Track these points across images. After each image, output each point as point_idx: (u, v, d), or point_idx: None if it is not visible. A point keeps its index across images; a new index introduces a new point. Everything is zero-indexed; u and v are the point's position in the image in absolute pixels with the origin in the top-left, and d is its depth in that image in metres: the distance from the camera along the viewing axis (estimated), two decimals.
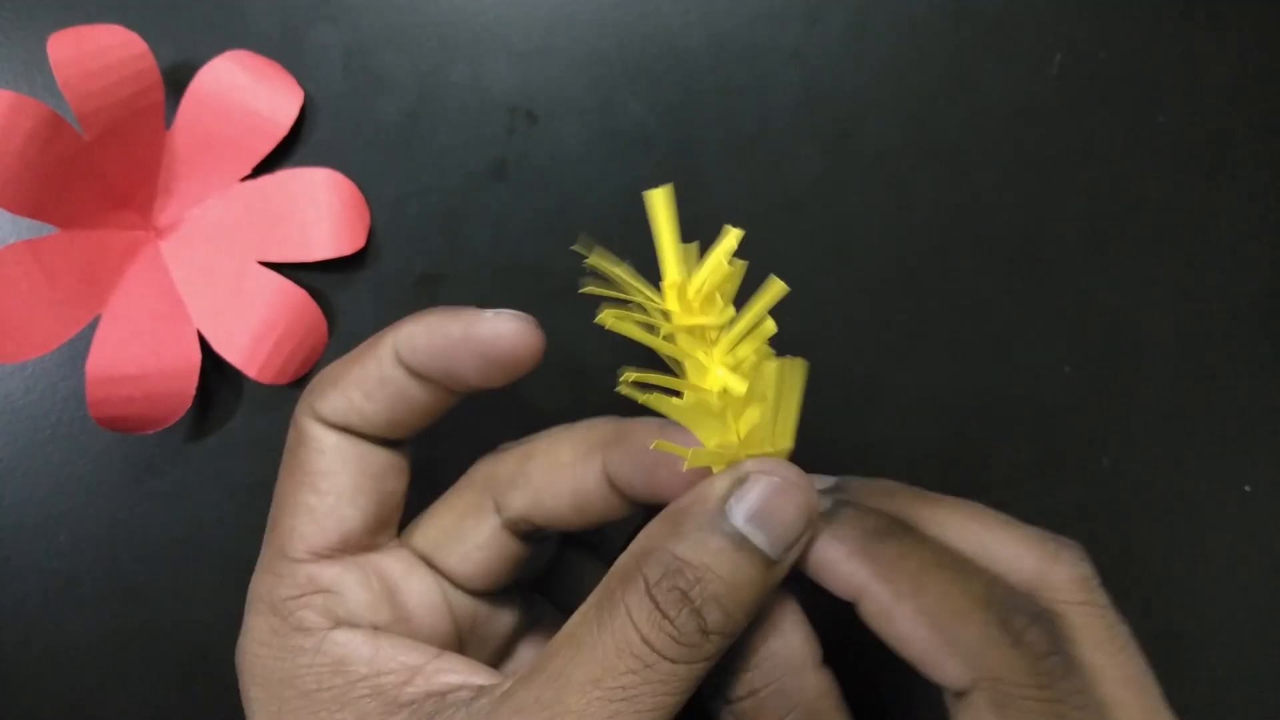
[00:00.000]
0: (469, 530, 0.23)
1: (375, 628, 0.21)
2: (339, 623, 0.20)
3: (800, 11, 0.33)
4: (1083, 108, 0.33)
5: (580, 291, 0.19)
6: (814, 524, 0.19)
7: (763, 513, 0.19)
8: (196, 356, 0.30)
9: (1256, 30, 0.33)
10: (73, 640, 0.31)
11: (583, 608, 0.19)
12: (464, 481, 0.23)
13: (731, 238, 0.19)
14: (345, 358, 0.22)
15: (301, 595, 0.20)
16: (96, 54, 0.28)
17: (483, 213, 0.32)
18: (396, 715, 0.19)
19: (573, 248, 0.20)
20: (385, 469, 0.22)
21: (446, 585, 0.23)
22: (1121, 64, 0.33)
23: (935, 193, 0.33)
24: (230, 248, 0.31)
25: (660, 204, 0.19)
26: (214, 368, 0.31)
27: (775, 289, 0.19)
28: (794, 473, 0.19)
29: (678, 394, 0.20)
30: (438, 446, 0.25)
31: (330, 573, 0.21)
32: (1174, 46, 0.33)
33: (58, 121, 0.27)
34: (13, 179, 0.27)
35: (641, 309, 0.19)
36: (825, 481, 0.21)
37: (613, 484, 0.21)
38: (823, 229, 0.33)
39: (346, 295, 0.32)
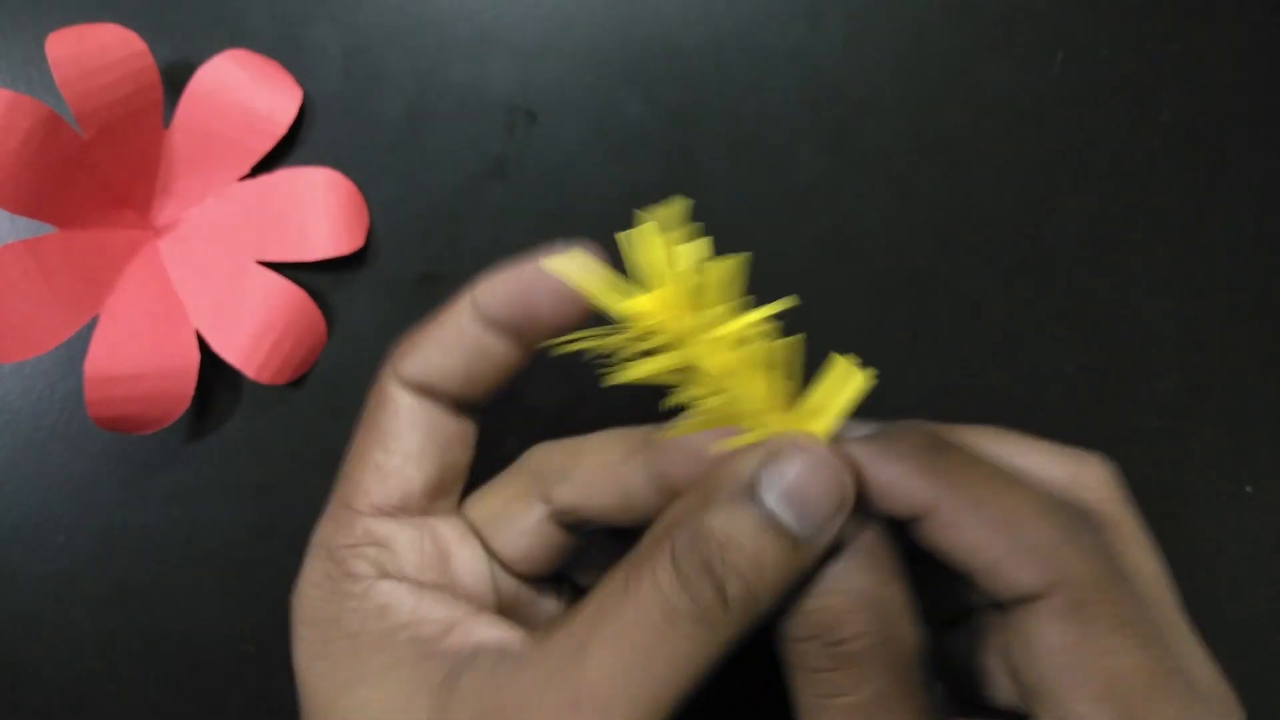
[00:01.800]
0: (516, 515, 0.23)
1: (420, 584, 0.21)
2: (387, 574, 0.21)
3: (800, 11, 0.33)
4: (1084, 106, 0.33)
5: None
6: (847, 505, 0.19)
7: (793, 491, 0.18)
8: (195, 356, 0.30)
9: (1256, 30, 0.33)
10: (71, 640, 0.31)
11: (610, 572, 0.19)
12: (516, 467, 0.24)
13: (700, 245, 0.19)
14: (425, 322, 0.22)
15: (357, 545, 0.21)
16: (95, 53, 0.28)
17: (482, 212, 0.32)
18: (429, 662, 0.20)
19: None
20: (452, 438, 0.23)
21: (494, 563, 0.23)
22: (1122, 62, 0.33)
23: (935, 192, 0.33)
24: (229, 247, 0.31)
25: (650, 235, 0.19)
26: (212, 368, 0.31)
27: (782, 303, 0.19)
28: (826, 451, 0.19)
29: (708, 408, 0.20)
30: None
31: (387, 528, 0.22)
32: (1174, 45, 0.33)
33: (56, 120, 0.27)
34: (11, 178, 0.27)
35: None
36: (865, 427, 0.21)
37: (658, 479, 0.22)
38: (823, 229, 0.32)
39: (345, 295, 0.32)
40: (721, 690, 0.21)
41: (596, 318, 0.20)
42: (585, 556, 0.25)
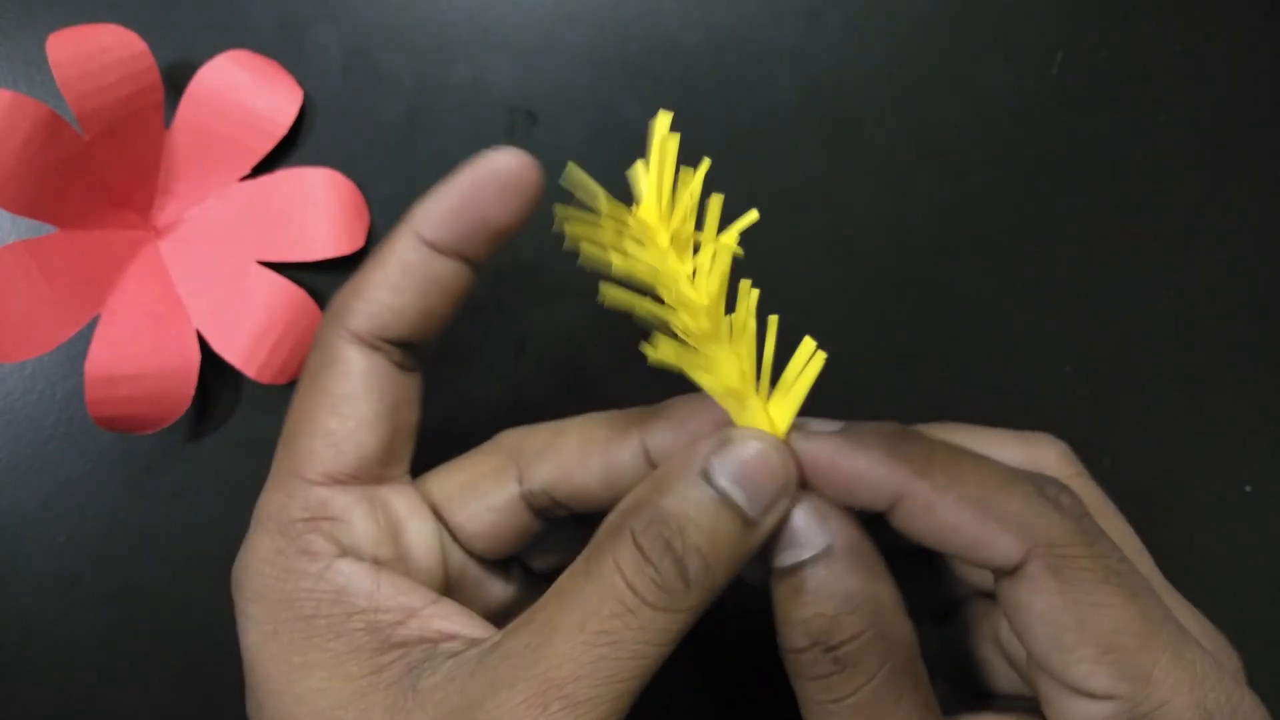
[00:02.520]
0: (486, 491, 0.23)
1: (377, 561, 0.21)
2: (344, 551, 0.21)
3: (800, 11, 0.33)
4: (1083, 107, 0.33)
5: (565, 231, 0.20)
6: (791, 490, 0.20)
7: (743, 473, 0.19)
8: (196, 356, 0.30)
9: (1256, 30, 0.33)
10: (72, 640, 0.31)
11: (572, 565, 0.20)
12: (490, 446, 0.24)
13: (702, 169, 0.20)
14: (362, 267, 0.22)
15: (312, 519, 0.21)
16: (96, 53, 0.28)
17: None
18: (387, 654, 0.19)
19: (561, 180, 0.21)
20: (404, 398, 0.22)
21: (446, 536, 0.23)
22: (1122, 63, 0.33)
23: (935, 192, 0.33)
24: (229, 247, 0.31)
25: (663, 127, 0.20)
26: (213, 367, 0.31)
27: (747, 219, 0.20)
28: (774, 441, 0.20)
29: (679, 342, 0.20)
30: (436, 444, 0.25)
31: (342, 500, 0.21)
32: (1174, 46, 0.33)
33: (57, 121, 0.27)
34: (12, 179, 0.27)
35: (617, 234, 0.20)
36: (832, 425, 0.22)
37: (649, 459, 0.22)
38: (823, 229, 0.33)
39: None
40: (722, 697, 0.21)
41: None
42: (540, 542, 0.25)
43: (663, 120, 0.20)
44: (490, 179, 0.21)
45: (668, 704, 0.32)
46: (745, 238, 0.21)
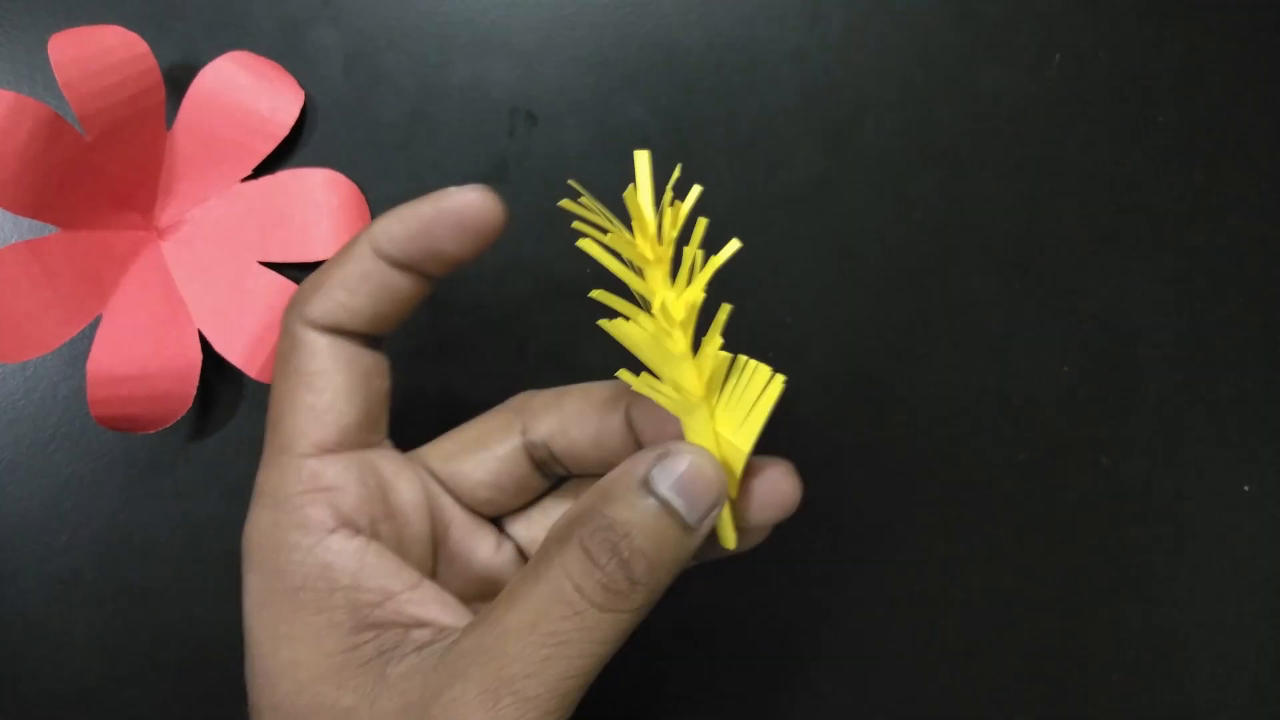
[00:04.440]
0: (492, 442, 0.25)
1: (373, 530, 0.23)
2: (340, 522, 0.22)
3: (800, 11, 0.33)
4: (1082, 108, 0.33)
5: (573, 228, 0.21)
6: (723, 498, 0.22)
7: (682, 483, 0.21)
8: (197, 356, 0.30)
9: (1256, 30, 0.33)
10: (74, 639, 0.31)
11: (525, 567, 0.21)
12: (498, 408, 0.26)
13: (693, 194, 0.21)
14: (325, 264, 0.23)
15: (306, 491, 0.22)
16: (98, 55, 0.28)
17: None
18: (362, 634, 0.21)
19: (570, 181, 0.21)
20: (371, 368, 0.23)
21: (435, 490, 0.25)
22: (1121, 64, 0.33)
23: (934, 193, 0.33)
24: (231, 248, 0.31)
25: (642, 164, 0.21)
26: (215, 368, 0.31)
27: (730, 248, 0.21)
28: (708, 454, 0.22)
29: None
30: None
31: (332, 469, 0.22)
32: (1173, 47, 0.33)
33: (59, 122, 0.28)
34: (14, 179, 0.27)
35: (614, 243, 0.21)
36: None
37: (631, 428, 0.24)
38: (822, 229, 0.33)
39: None
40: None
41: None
42: (525, 514, 0.26)
43: (640, 160, 0.21)
44: (449, 214, 0.22)
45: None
46: (746, 238, 0.21)
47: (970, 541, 0.32)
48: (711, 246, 0.21)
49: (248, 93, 0.31)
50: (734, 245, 0.21)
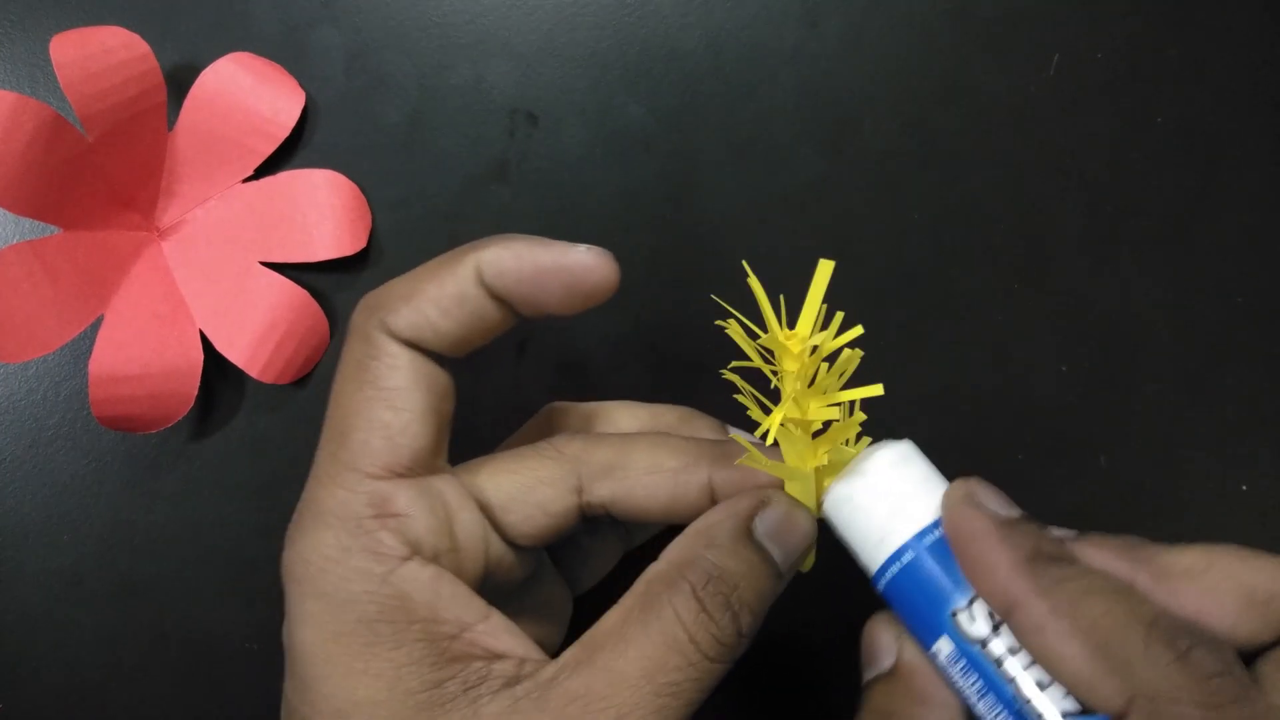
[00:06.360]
0: (544, 498, 0.23)
1: (437, 558, 0.21)
2: (412, 550, 0.21)
3: (799, 13, 0.33)
4: (1080, 109, 0.33)
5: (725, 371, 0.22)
6: (811, 546, 0.22)
7: (778, 532, 0.21)
8: (199, 356, 0.30)
9: (1251, 33, 0.33)
10: (76, 638, 0.31)
11: (623, 605, 0.21)
12: (547, 449, 0.24)
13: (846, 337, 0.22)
14: (416, 274, 0.22)
15: (378, 516, 0.21)
16: (99, 55, 0.28)
17: (483, 214, 0.32)
18: (444, 670, 0.20)
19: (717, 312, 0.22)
20: (446, 390, 0.22)
21: (488, 525, 0.23)
22: (1119, 65, 0.33)
23: (933, 193, 0.33)
24: (232, 248, 0.31)
25: (822, 275, 0.21)
26: (216, 368, 0.31)
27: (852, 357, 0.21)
28: (800, 505, 0.22)
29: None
30: None
31: (404, 494, 0.21)
32: (1172, 47, 0.33)
33: (60, 123, 0.28)
34: (15, 180, 0.27)
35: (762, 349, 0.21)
36: (1064, 533, 0.21)
37: (714, 495, 0.23)
38: (822, 229, 0.33)
39: (348, 296, 0.32)
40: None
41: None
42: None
43: (823, 269, 0.21)
44: (567, 273, 0.21)
45: None
46: (746, 238, 0.21)
47: None
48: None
49: (249, 93, 0.31)
50: (875, 389, 0.22)
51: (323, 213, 0.31)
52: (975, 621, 0.20)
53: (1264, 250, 0.33)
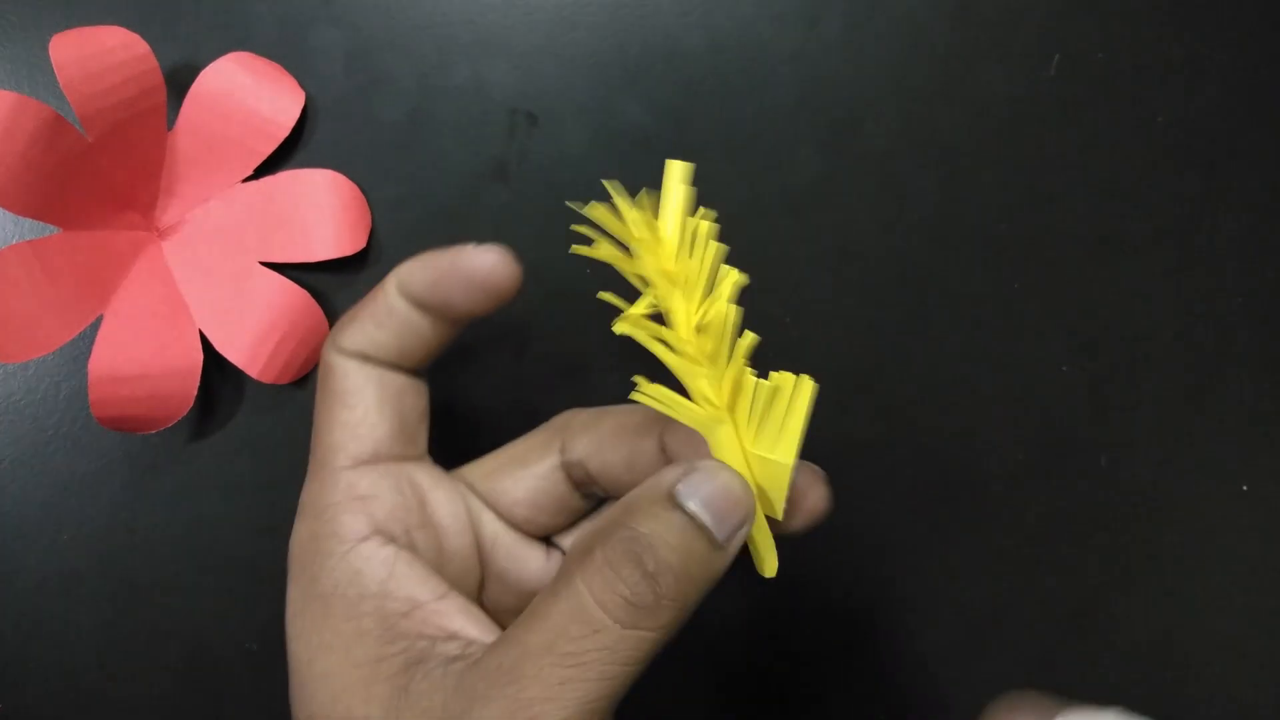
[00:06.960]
0: (531, 460, 0.25)
1: (408, 538, 0.23)
2: (374, 530, 0.22)
3: (799, 12, 0.33)
4: (1081, 109, 0.33)
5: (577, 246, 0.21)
6: (751, 516, 0.21)
7: (709, 498, 0.20)
8: (198, 356, 0.30)
9: (1255, 30, 0.33)
10: (75, 638, 0.31)
11: (548, 584, 0.20)
12: (542, 427, 0.26)
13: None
14: (362, 299, 0.24)
15: (342, 501, 0.23)
16: (99, 55, 0.28)
17: (483, 214, 0.32)
18: (390, 645, 0.21)
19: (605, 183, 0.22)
20: (403, 388, 0.24)
21: (476, 504, 0.25)
22: (1119, 65, 0.33)
23: (933, 193, 0.33)
24: (232, 248, 0.31)
25: (676, 176, 0.21)
26: (216, 368, 0.31)
27: (734, 278, 0.21)
28: (733, 470, 0.21)
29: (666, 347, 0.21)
30: (436, 444, 0.25)
31: (367, 479, 0.23)
32: (1172, 47, 0.33)
33: (60, 123, 0.28)
34: (15, 180, 0.27)
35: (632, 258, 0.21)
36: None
37: (664, 452, 0.24)
38: (822, 229, 0.33)
39: (348, 296, 0.32)
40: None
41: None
42: (570, 533, 0.26)
43: (675, 171, 0.21)
44: (461, 272, 0.23)
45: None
46: (745, 238, 0.21)
47: (969, 541, 0.32)
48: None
49: (249, 93, 0.31)
50: (741, 280, 0.21)
51: (322, 213, 0.31)
52: None
53: (1264, 251, 0.33)
